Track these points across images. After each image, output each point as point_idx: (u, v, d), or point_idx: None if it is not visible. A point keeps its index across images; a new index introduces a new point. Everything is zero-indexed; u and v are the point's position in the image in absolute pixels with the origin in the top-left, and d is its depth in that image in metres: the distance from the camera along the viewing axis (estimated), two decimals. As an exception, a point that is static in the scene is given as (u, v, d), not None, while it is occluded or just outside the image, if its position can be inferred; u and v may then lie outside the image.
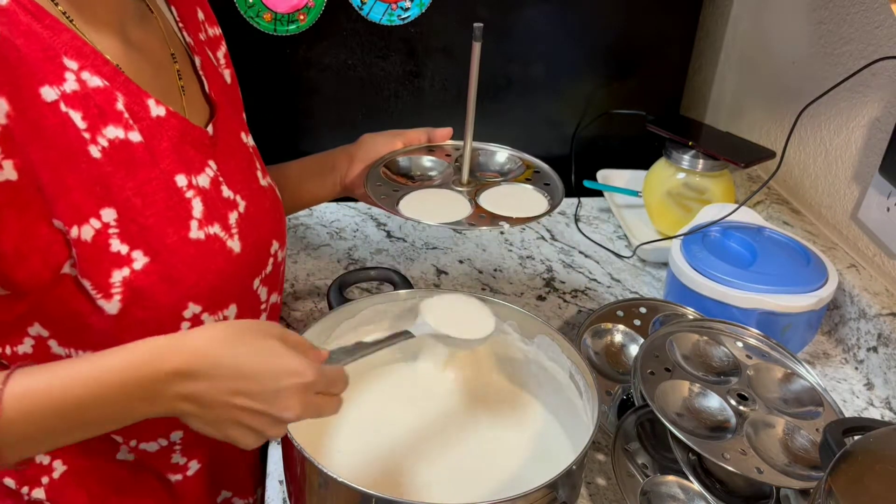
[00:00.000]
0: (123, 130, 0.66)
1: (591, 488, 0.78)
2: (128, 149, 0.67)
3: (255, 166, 0.83)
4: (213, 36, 0.85)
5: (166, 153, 0.70)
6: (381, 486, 0.72)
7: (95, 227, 0.65)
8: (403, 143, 0.94)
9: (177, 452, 0.81)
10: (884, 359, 0.92)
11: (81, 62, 0.65)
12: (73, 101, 0.63)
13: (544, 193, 0.88)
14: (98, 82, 0.65)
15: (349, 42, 1.13)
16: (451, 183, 0.89)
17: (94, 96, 0.65)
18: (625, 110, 1.23)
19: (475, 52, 0.81)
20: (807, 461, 0.71)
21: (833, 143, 1.08)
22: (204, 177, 0.73)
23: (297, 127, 1.19)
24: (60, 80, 0.63)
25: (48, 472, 0.77)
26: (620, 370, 0.90)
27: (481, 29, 0.80)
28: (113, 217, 0.65)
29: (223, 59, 0.86)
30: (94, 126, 0.64)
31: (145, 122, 0.68)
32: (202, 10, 0.85)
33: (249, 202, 0.78)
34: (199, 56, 0.80)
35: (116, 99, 0.66)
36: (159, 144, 0.69)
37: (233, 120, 0.82)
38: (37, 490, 0.77)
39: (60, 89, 0.63)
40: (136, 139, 0.67)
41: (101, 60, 0.66)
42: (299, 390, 0.61)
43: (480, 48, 0.81)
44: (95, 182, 0.64)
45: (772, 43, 1.22)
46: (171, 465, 0.82)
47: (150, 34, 0.75)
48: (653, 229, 1.19)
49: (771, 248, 0.98)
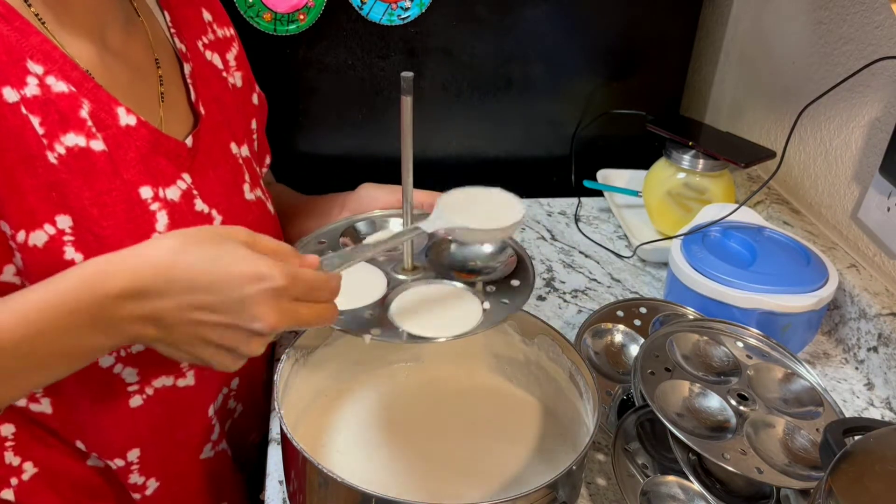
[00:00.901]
0: (85, 138, 0.65)
1: (591, 488, 0.78)
2: (88, 157, 0.65)
3: (242, 179, 0.81)
4: (223, 37, 0.83)
5: (132, 163, 0.68)
6: (381, 486, 0.72)
7: (49, 232, 0.64)
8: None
9: (134, 472, 0.79)
10: (884, 359, 0.92)
11: (48, 66, 0.64)
12: (33, 106, 0.62)
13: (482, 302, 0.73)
14: (63, 88, 0.64)
15: (349, 42, 1.13)
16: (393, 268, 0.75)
17: (57, 102, 0.64)
18: (625, 110, 1.23)
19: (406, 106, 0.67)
20: (807, 461, 0.71)
21: (833, 143, 1.08)
22: (174, 189, 0.72)
23: (297, 127, 1.19)
24: (22, 84, 0.62)
25: (17, 474, 0.75)
26: (620, 370, 0.90)
27: (410, 81, 0.66)
28: (68, 224, 0.64)
29: (234, 62, 0.84)
30: (52, 132, 0.63)
31: (111, 130, 0.67)
32: (210, 11, 0.83)
33: (228, 216, 0.76)
34: (191, 63, 0.78)
35: (81, 106, 0.65)
36: (125, 155, 0.68)
37: (222, 130, 0.79)
38: (6, 491, 0.75)
39: (21, 93, 0.62)
40: (98, 148, 0.66)
41: (70, 66, 0.65)
42: (268, 296, 0.56)
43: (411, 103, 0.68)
44: (51, 188, 0.63)
45: (772, 43, 1.22)
46: (130, 485, 0.80)
47: (132, 39, 0.74)
48: (653, 229, 1.19)
49: (771, 248, 0.98)
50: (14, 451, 0.75)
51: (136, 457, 0.78)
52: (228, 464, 0.90)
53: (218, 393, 0.83)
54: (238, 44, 0.86)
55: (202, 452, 0.84)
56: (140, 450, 0.78)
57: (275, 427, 0.83)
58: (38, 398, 0.72)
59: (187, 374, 0.77)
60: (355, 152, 1.23)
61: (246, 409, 0.90)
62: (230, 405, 0.87)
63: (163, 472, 0.81)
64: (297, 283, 0.58)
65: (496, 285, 0.75)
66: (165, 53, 0.77)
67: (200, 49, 0.80)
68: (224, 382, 0.84)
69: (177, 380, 0.76)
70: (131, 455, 0.78)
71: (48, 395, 0.73)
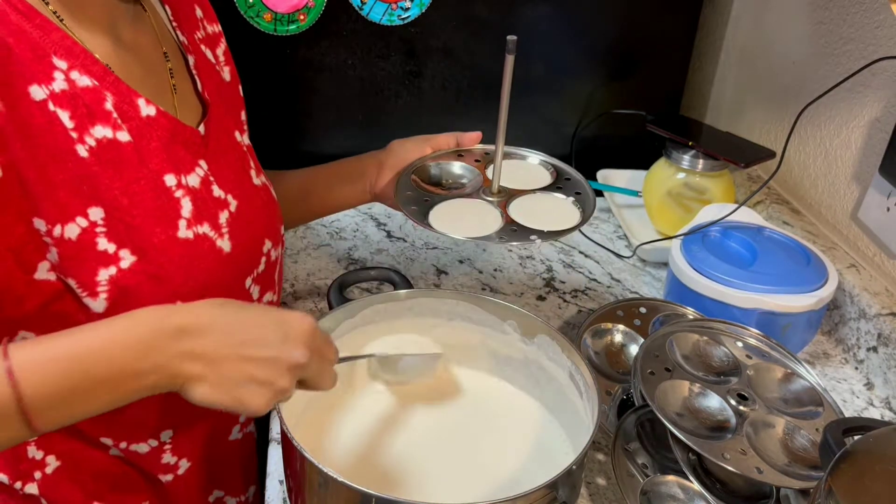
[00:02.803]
0: (112, 130, 0.66)
1: (591, 488, 0.78)
2: (116, 148, 0.67)
3: (248, 165, 0.83)
4: (213, 33, 0.85)
5: (155, 153, 0.70)
6: (381, 486, 0.72)
7: (82, 225, 0.65)
8: (432, 148, 0.92)
9: (167, 452, 0.80)
10: (884, 359, 0.92)
11: (71, 62, 0.65)
12: (62, 101, 0.63)
13: (576, 203, 0.86)
14: (87, 82, 0.65)
15: (349, 42, 1.13)
16: (482, 192, 0.87)
17: (83, 96, 0.65)
18: (625, 110, 1.23)
19: (508, 63, 0.80)
20: (807, 461, 0.71)
21: (833, 143, 1.08)
22: (194, 176, 0.73)
23: (297, 127, 1.19)
24: (49, 80, 0.63)
25: (41, 468, 0.77)
26: (620, 370, 0.90)
27: (515, 42, 0.78)
28: (100, 216, 0.65)
29: (223, 57, 0.85)
30: (81, 125, 0.64)
31: (134, 121, 0.68)
32: (201, 8, 0.84)
33: (241, 201, 0.78)
34: (194, 55, 0.79)
35: (105, 99, 0.66)
36: (148, 144, 0.69)
37: (226, 119, 0.82)
38: (30, 485, 0.77)
39: (49, 88, 0.63)
40: (124, 139, 0.67)
41: (91, 60, 0.66)
42: (306, 333, 0.61)
43: (514, 60, 0.80)
44: (82, 181, 0.64)
45: (772, 43, 1.22)
46: (161, 466, 0.81)
47: (142, 33, 0.75)
48: (653, 229, 1.19)
49: (771, 248, 0.98)
50: (37, 446, 0.76)
51: (168, 437, 0.79)
52: (255, 446, 0.92)
53: None
54: (224, 41, 0.88)
55: (231, 434, 0.87)
56: (173, 431, 0.79)
57: (275, 427, 0.83)
58: None
59: None
60: (355, 152, 1.22)
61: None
62: None
63: (194, 453, 0.83)
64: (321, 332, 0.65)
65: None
66: (171, 46, 0.79)
67: (197, 42, 0.82)
68: None
69: None
70: (164, 436, 0.79)
71: None
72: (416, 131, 1.22)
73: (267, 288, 0.84)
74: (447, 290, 1.04)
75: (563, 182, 0.90)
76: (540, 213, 0.83)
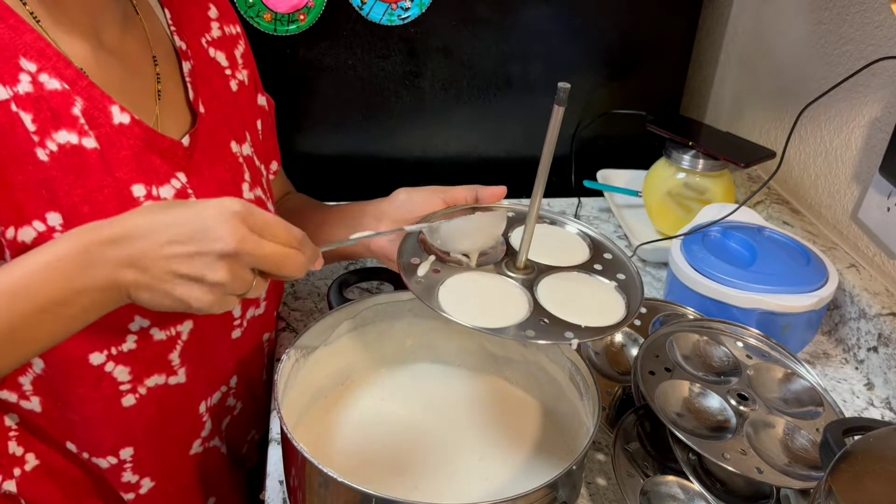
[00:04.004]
0: (77, 136, 0.66)
1: (591, 488, 0.78)
2: (79, 154, 0.66)
3: (241, 178, 0.81)
4: (230, 34, 0.83)
5: (125, 161, 0.68)
6: (381, 486, 0.72)
7: (39, 229, 0.64)
8: (445, 202, 0.79)
9: (127, 471, 0.79)
10: (884, 359, 0.91)
11: (41, 64, 0.64)
12: (25, 103, 0.63)
13: (619, 289, 0.73)
14: (56, 85, 0.65)
15: (349, 42, 1.13)
16: (504, 265, 0.74)
17: (49, 99, 0.64)
18: (625, 110, 1.23)
19: (557, 116, 0.67)
20: (807, 461, 0.71)
21: (833, 143, 1.08)
22: (168, 188, 0.72)
23: (297, 127, 1.19)
24: (14, 81, 0.63)
25: (20, 464, 0.76)
26: (620, 370, 0.90)
27: (567, 91, 0.65)
28: (59, 221, 0.65)
29: (241, 59, 0.84)
30: (44, 129, 0.64)
31: (104, 128, 0.67)
32: (217, 7, 0.83)
33: None
34: (192, 60, 0.78)
35: (74, 103, 0.66)
36: (118, 153, 0.68)
37: (221, 128, 0.79)
38: (8, 482, 0.75)
39: (13, 90, 0.62)
40: (90, 145, 0.66)
41: (64, 63, 0.65)
42: (228, 217, 0.57)
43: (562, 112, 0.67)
44: (41, 185, 0.64)
45: (772, 43, 1.22)
46: (123, 484, 0.79)
47: (129, 37, 0.74)
48: (653, 229, 1.19)
49: (771, 248, 0.98)
50: (17, 441, 0.75)
51: (129, 455, 0.78)
52: (221, 460, 0.89)
53: (212, 390, 0.83)
54: (245, 42, 0.86)
55: (191, 448, 0.84)
56: (133, 448, 0.78)
57: (275, 427, 0.83)
58: (28, 395, 0.72)
59: (179, 371, 0.77)
60: (355, 152, 1.23)
61: (246, 407, 0.90)
62: (229, 403, 0.87)
63: (156, 470, 0.81)
64: (253, 213, 0.59)
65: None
66: (164, 51, 0.77)
67: (203, 46, 0.80)
68: (222, 381, 0.84)
69: (168, 378, 0.76)
70: (124, 453, 0.77)
71: (37, 393, 0.72)
72: (417, 131, 1.23)
73: (250, 303, 0.82)
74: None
75: (601, 260, 0.76)
76: (576, 299, 0.71)
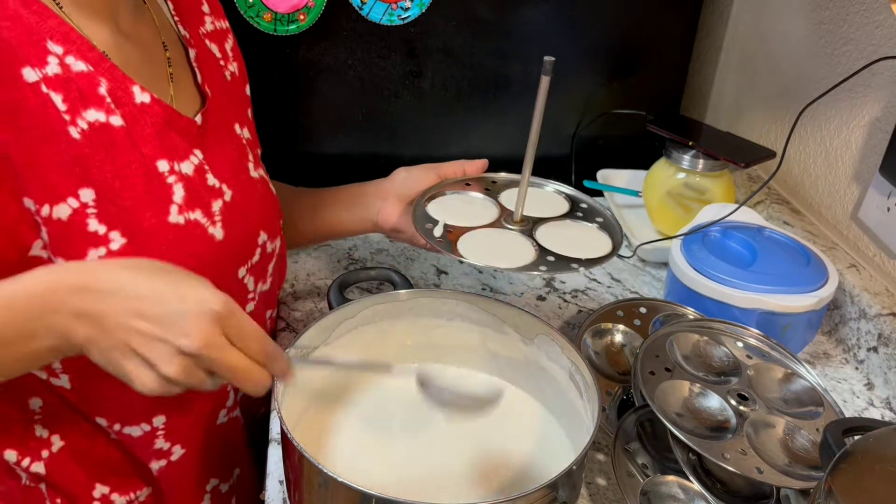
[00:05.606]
0: (104, 114, 0.68)
1: (591, 488, 0.78)
2: (108, 132, 0.68)
3: (246, 158, 0.84)
4: (220, 29, 0.86)
5: (148, 139, 0.71)
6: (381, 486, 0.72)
7: (73, 206, 0.66)
8: (439, 176, 0.91)
9: (160, 437, 0.81)
10: (884, 359, 0.91)
11: (67, 47, 0.66)
12: (55, 84, 0.65)
13: (601, 229, 0.86)
14: (82, 67, 0.67)
15: (349, 42, 1.13)
16: (503, 221, 0.85)
17: (77, 80, 0.66)
18: (625, 110, 1.23)
19: (543, 85, 0.79)
20: (807, 461, 0.71)
21: (833, 143, 1.08)
22: (188, 164, 0.74)
23: (297, 127, 1.19)
24: (43, 63, 0.64)
25: (47, 446, 0.78)
26: (620, 370, 0.90)
27: (552, 63, 0.77)
28: (91, 197, 0.67)
29: (231, 53, 0.87)
30: (73, 108, 0.66)
31: (128, 107, 0.70)
32: (208, 3, 0.86)
33: (237, 192, 0.79)
34: (195, 48, 0.81)
35: (99, 84, 0.68)
36: (142, 130, 0.70)
37: (227, 111, 0.83)
38: (36, 464, 0.78)
39: (42, 72, 0.64)
40: (117, 123, 0.68)
41: (88, 46, 0.68)
42: (205, 317, 0.57)
43: (549, 82, 0.78)
44: (74, 162, 0.66)
45: (772, 43, 1.22)
46: (154, 451, 0.81)
47: (141, 24, 0.77)
48: (653, 229, 1.19)
49: (771, 248, 0.98)
50: (42, 424, 0.77)
51: (161, 423, 0.80)
52: (241, 431, 0.92)
53: None
54: (233, 37, 0.89)
55: (218, 418, 0.87)
56: (165, 416, 0.80)
57: (275, 427, 0.83)
58: (58, 373, 0.74)
59: None
60: (355, 152, 1.23)
61: None
62: None
63: (186, 438, 0.83)
64: (234, 317, 0.59)
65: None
66: (171, 39, 0.80)
67: (201, 36, 0.84)
68: None
69: None
70: (157, 421, 0.79)
71: (67, 371, 0.74)
72: (417, 131, 1.23)
73: (261, 278, 0.84)
74: (447, 290, 1.04)
75: (580, 210, 0.89)
76: (570, 240, 0.82)
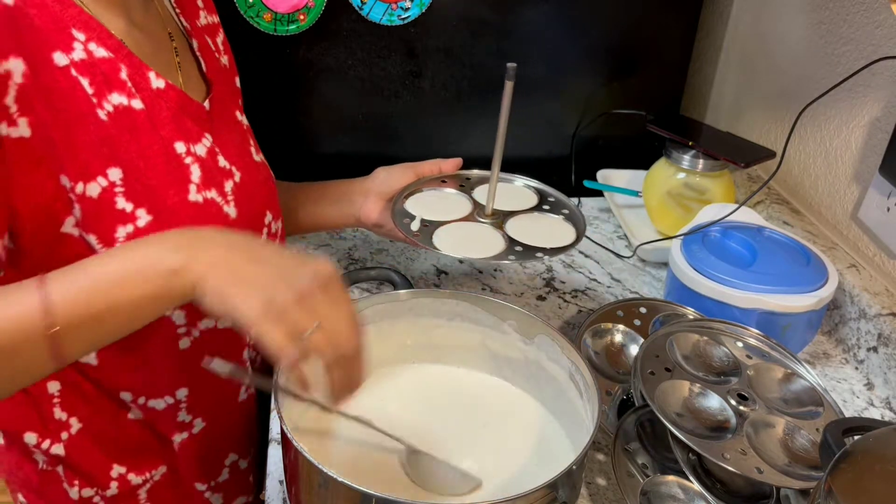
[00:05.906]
0: (127, 98, 0.71)
1: (591, 488, 0.78)
2: (130, 115, 0.71)
3: (248, 143, 0.88)
4: (211, 23, 0.89)
5: (166, 122, 0.74)
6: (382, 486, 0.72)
7: (102, 184, 0.69)
8: (416, 174, 0.96)
9: (182, 410, 0.84)
10: (884, 359, 0.92)
11: (88, 34, 0.69)
12: (82, 68, 0.68)
13: (566, 220, 0.92)
14: (103, 53, 0.70)
15: (349, 42, 1.13)
16: (475, 215, 0.91)
17: (100, 65, 0.69)
18: (625, 110, 1.23)
19: (507, 90, 0.84)
20: (807, 461, 0.71)
21: (833, 143, 1.08)
22: (201, 146, 0.77)
23: (297, 127, 1.19)
24: (69, 49, 0.67)
25: (66, 428, 0.81)
26: (620, 370, 0.90)
27: (515, 69, 0.82)
28: (119, 176, 0.70)
29: (221, 46, 0.90)
30: (100, 92, 0.69)
31: (146, 92, 0.73)
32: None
33: (244, 173, 0.82)
34: (197, 39, 0.84)
35: (120, 69, 0.71)
36: (160, 113, 0.73)
37: (228, 99, 0.86)
38: (56, 446, 0.81)
39: (70, 57, 0.67)
40: (138, 107, 0.72)
41: (106, 34, 0.70)
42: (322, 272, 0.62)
43: (513, 87, 0.83)
44: (103, 143, 0.69)
45: (772, 43, 1.22)
46: (177, 424, 0.84)
47: (150, 16, 0.80)
48: (653, 229, 1.19)
49: (771, 248, 0.98)
50: (61, 407, 0.80)
51: (184, 395, 0.83)
52: (256, 409, 0.95)
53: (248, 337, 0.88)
54: (222, 31, 0.92)
55: (239, 395, 0.89)
56: (188, 389, 0.82)
57: (275, 427, 0.83)
58: None
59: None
60: (355, 152, 1.23)
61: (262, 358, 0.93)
62: (251, 355, 0.91)
63: (207, 412, 0.86)
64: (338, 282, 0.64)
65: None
66: (174, 30, 0.83)
67: (199, 29, 0.86)
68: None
69: (217, 321, 0.81)
70: (180, 394, 0.82)
71: None
72: (417, 131, 1.23)
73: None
74: (447, 290, 1.04)
75: (548, 202, 0.95)
76: (537, 231, 0.89)
